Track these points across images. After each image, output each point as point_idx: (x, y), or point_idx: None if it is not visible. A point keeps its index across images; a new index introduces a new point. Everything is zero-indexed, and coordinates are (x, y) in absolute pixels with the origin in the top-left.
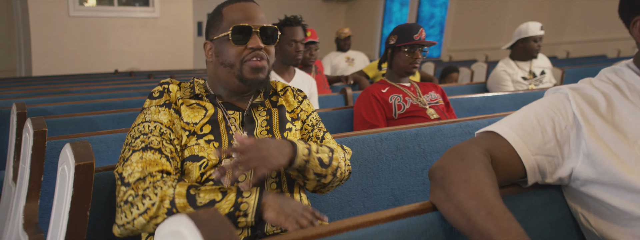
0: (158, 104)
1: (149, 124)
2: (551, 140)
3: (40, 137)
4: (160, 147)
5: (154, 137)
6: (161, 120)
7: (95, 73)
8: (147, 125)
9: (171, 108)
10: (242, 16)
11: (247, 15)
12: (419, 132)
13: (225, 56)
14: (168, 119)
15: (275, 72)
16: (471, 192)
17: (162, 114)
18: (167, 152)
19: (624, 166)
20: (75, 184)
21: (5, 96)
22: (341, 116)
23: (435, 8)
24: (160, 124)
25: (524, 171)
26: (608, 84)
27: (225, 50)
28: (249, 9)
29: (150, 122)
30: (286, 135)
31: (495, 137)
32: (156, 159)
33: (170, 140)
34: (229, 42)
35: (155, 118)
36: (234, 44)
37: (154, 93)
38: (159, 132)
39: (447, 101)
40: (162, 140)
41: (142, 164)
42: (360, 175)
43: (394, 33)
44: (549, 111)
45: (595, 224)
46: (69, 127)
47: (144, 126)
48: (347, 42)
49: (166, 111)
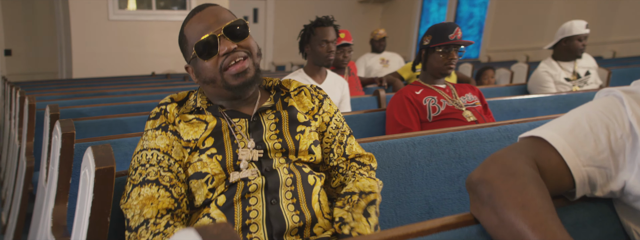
0: (154, 127)
1: (146, 153)
2: (604, 150)
3: (68, 139)
4: (157, 178)
5: (151, 168)
6: (158, 146)
7: (132, 75)
8: (145, 154)
9: (168, 130)
10: (201, 28)
11: (206, 25)
12: (454, 137)
13: (204, 74)
14: (165, 143)
15: (306, 73)
16: (533, 222)
17: (158, 139)
18: (165, 181)
19: None
20: (96, 189)
21: (45, 98)
22: (373, 119)
23: (475, 7)
24: (157, 151)
25: (572, 184)
26: None
27: (201, 69)
28: (206, 17)
29: (147, 150)
30: (298, 138)
31: (543, 144)
32: (153, 194)
33: (169, 167)
34: (201, 60)
35: (152, 145)
36: (205, 60)
37: (151, 114)
38: (156, 161)
39: (484, 103)
40: (160, 170)
41: (140, 203)
42: (392, 182)
43: (428, 33)
44: (603, 117)
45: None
46: (101, 129)
47: (141, 155)
48: (382, 43)
49: (163, 135)
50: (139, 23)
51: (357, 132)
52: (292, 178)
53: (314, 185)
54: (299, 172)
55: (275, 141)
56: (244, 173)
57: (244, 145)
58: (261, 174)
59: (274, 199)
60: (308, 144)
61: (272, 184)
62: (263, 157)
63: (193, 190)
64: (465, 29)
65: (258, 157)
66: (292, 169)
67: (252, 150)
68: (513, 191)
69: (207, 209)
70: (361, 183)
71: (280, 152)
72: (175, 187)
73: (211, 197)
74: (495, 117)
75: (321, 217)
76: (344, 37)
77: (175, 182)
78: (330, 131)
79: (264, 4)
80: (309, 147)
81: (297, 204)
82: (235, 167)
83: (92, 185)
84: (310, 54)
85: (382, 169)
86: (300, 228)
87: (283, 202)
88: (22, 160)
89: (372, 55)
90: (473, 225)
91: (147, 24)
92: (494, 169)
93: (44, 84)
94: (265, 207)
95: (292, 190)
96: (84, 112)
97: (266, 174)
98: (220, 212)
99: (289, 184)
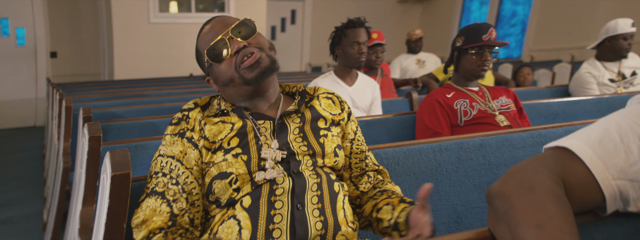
0: (173, 133)
1: (162, 159)
2: (637, 162)
3: (94, 142)
4: (163, 191)
5: (162, 178)
6: (173, 153)
7: (170, 77)
8: (161, 161)
9: (184, 137)
10: (210, 37)
11: (214, 32)
12: (483, 142)
13: (221, 76)
14: (179, 150)
15: (336, 75)
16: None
17: (175, 145)
18: (170, 195)
19: None
20: (111, 194)
21: (83, 99)
22: (402, 122)
23: (518, 5)
24: (172, 158)
25: (602, 198)
26: None
27: (218, 73)
28: (213, 25)
29: (164, 156)
30: (322, 141)
31: (569, 156)
32: (156, 208)
33: (177, 177)
34: (214, 64)
35: (169, 152)
36: (219, 63)
37: (173, 119)
38: (168, 170)
39: (520, 107)
40: (169, 182)
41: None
42: (417, 189)
43: (460, 34)
44: (634, 126)
45: None
46: (133, 131)
47: (158, 161)
48: (419, 43)
49: (179, 141)
50: (178, 25)
51: (385, 136)
52: (318, 183)
53: (338, 193)
54: (326, 177)
55: (301, 144)
56: (269, 173)
57: (268, 146)
58: (288, 175)
59: (300, 204)
60: (332, 147)
61: (299, 189)
62: (290, 158)
63: (216, 192)
64: (507, 28)
65: (281, 157)
66: (320, 173)
67: (275, 150)
68: (529, 208)
69: (233, 211)
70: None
71: (307, 154)
72: (177, 202)
73: (236, 197)
74: (532, 121)
75: (345, 225)
76: (376, 37)
77: (178, 197)
78: (359, 139)
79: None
80: (334, 149)
81: (322, 209)
82: (260, 168)
83: (108, 191)
84: (341, 56)
85: (407, 176)
86: (322, 235)
87: (308, 207)
88: (59, 160)
89: (408, 55)
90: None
91: (186, 27)
92: (512, 182)
93: (86, 85)
94: (291, 211)
95: (318, 195)
96: (119, 114)
97: (294, 176)
98: (246, 215)
99: (315, 188)
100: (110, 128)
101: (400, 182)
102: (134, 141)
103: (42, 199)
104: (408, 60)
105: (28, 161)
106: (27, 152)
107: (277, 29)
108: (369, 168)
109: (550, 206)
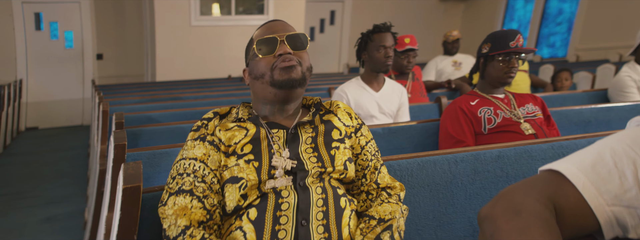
0: (193, 138)
1: (184, 162)
2: (632, 188)
3: (119, 150)
4: (191, 188)
5: (187, 178)
6: (196, 156)
7: (209, 78)
8: (183, 164)
9: (206, 141)
10: (267, 32)
11: (272, 30)
12: (501, 154)
13: (256, 70)
14: (203, 152)
15: (363, 81)
16: None
17: (196, 148)
18: (199, 192)
19: None
20: (123, 207)
21: (123, 102)
22: (426, 130)
23: (565, 3)
24: (195, 160)
25: (597, 224)
26: None
27: (256, 65)
28: (274, 25)
29: (186, 159)
30: (333, 153)
31: (561, 180)
32: (187, 205)
33: (203, 177)
34: (258, 57)
35: (191, 154)
36: (261, 56)
37: (194, 127)
38: (192, 170)
39: (547, 114)
40: (195, 180)
41: (175, 213)
42: (431, 201)
43: (486, 41)
44: (629, 151)
45: None
46: (164, 136)
47: (180, 164)
48: (455, 45)
49: (201, 145)
50: (218, 28)
51: (408, 144)
52: (323, 199)
53: (345, 208)
54: (332, 192)
55: (311, 155)
56: (279, 181)
57: (280, 154)
58: (294, 188)
59: (305, 220)
60: (343, 159)
61: (304, 204)
62: (299, 168)
63: (226, 195)
64: (553, 26)
65: (291, 166)
66: (326, 188)
67: (286, 159)
68: (514, 233)
69: (240, 222)
70: (383, 208)
71: (316, 165)
72: (208, 198)
73: (242, 204)
74: (563, 128)
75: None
76: (409, 42)
77: (208, 193)
78: (366, 154)
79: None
80: (344, 162)
81: (327, 226)
82: (270, 176)
83: (119, 203)
84: (368, 61)
85: (421, 188)
86: None
87: (313, 223)
88: (96, 162)
89: (444, 57)
90: None
91: (226, 29)
92: (501, 205)
93: (128, 87)
94: (295, 227)
95: (324, 211)
96: (154, 118)
97: (299, 189)
98: (252, 227)
99: (321, 204)
100: (142, 133)
101: (413, 194)
102: (161, 148)
103: (85, 197)
104: (444, 62)
105: (74, 159)
106: (74, 150)
107: (316, 30)
108: (364, 187)
109: (535, 231)
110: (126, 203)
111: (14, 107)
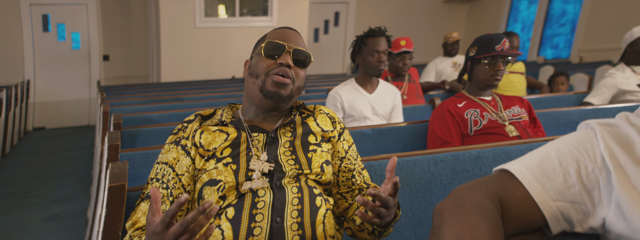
0: (170, 141)
1: (157, 166)
2: (575, 185)
3: (113, 150)
4: None
5: (155, 184)
6: (167, 160)
7: (213, 79)
8: (156, 168)
9: (179, 145)
10: (280, 37)
11: (285, 38)
12: (480, 154)
13: (255, 68)
14: (173, 157)
15: (357, 83)
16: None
17: (170, 152)
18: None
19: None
20: (108, 204)
21: (126, 103)
22: (415, 131)
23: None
24: (165, 165)
25: (543, 218)
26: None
27: (256, 63)
28: (289, 34)
29: (159, 163)
30: (310, 156)
31: (509, 178)
32: (146, 210)
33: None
34: (261, 56)
35: (164, 159)
36: (265, 57)
37: (174, 130)
38: (161, 175)
39: (533, 116)
40: (160, 187)
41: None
42: (410, 200)
43: (473, 44)
44: (573, 150)
45: None
46: (161, 136)
47: (154, 168)
48: (455, 46)
49: (174, 149)
50: (222, 30)
51: (397, 144)
52: (299, 198)
53: (320, 207)
54: (308, 192)
55: (289, 157)
56: (255, 183)
57: (258, 157)
58: (270, 188)
59: (279, 217)
60: (320, 162)
61: (279, 202)
62: (276, 170)
63: (205, 197)
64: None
65: (269, 169)
66: (302, 187)
67: (263, 162)
68: (455, 222)
69: (218, 221)
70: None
71: (293, 167)
72: (163, 204)
73: (221, 205)
74: (550, 130)
75: (323, 239)
76: (404, 44)
77: (165, 200)
78: (350, 159)
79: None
80: (321, 165)
81: (301, 223)
82: (247, 178)
83: (105, 201)
84: (362, 64)
85: (401, 187)
86: None
87: (287, 221)
88: (97, 162)
89: (444, 58)
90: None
91: (231, 31)
92: (449, 200)
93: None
94: (270, 224)
95: (299, 209)
96: (153, 119)
97: (275, 189)
98: (229, 225)
99: (296, 203)
100: (139, 133)
101: None
102: (155, 148)
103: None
104: (444, 64)
105: (79, 159)
106: (79, 150)
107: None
108: (355, 186)
109: (473, 219)
110: (111, 201)
111: (22, 108)
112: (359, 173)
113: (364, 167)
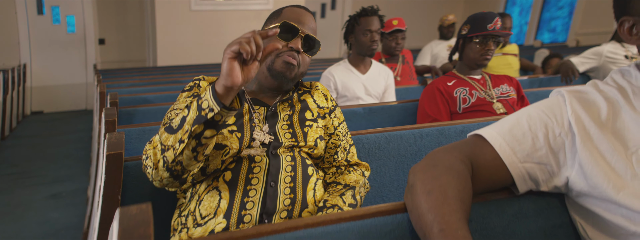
0: (188, 96)
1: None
2: (542, 148)
3: (110, 125)
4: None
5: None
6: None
7: (210, 63)
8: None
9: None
10: (296, 18)
11: (301, 20)
12: (464, 129)
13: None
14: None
15: (350, 63)
16: (430, 205)
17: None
18: None
19: (617, 180)
20: (107, 170)
21: (123, 85)
22: (405, 110)
23: None
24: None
25: (511, 178)
26: (613, 88)
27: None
28: (306, 17)
29: (177, 109)
30: (306, 131)
31: (482, 142)
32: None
33: None
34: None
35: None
36: (277, 37)
37: (186, 87)
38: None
39: (521, 94)
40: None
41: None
42: (397, 171)
43: (466, 22)
44: (542, 116)
45: (593, 236)
46: (158, 115)
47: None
48: (451, 29)
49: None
50: (218, 13)
51: (388, 123)
52: (292, 166)
53: (312, 175)
54: (301, 161)
55: (286, 131)
56: (254, 151)
57: (260, 129)
58: (266, 155)
59: (273, 182)
60: (314, 136)
61: (274, 168)
62: (274, 141)
63: (210, 159)
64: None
65: (269, 140)
66: (296, 157)
67: (265, 134)
68: (427, 179)
69: (216, 183)
70: (349, 177)
71: (290, 141)
72: None
73: (221, 168)
74: None
75: (312, 204)
76: (397, 23)
77: None
78: (338, 135)
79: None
80: (316, 139)
81: (294, 188)
82: (249, 146)
83: (104, 167)
84: (355, 44)
85: (387, 159)
86: (289, 211)
87: (281, 185)
88: (95, 142)
89: (440, 41)
90: (405, 213)
91: (226, 14)
92: (424, 161)
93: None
94: (264, 188)
95: (292, 176)
96: (150, 99)
97: (270, 156)
98: (226, 187)
99: (289, 170)
100: (136, 112)
101: (380, 165)
102: (151, 125)
103: (88, 177)
104: (439, 47)
105: (78, 142)
106: (78, 133)
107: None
108: (336, 163)
109: (444, 178)
110: (109, 168)
111: (19, 91)
112: (345, 149)
113: (353, 144)
